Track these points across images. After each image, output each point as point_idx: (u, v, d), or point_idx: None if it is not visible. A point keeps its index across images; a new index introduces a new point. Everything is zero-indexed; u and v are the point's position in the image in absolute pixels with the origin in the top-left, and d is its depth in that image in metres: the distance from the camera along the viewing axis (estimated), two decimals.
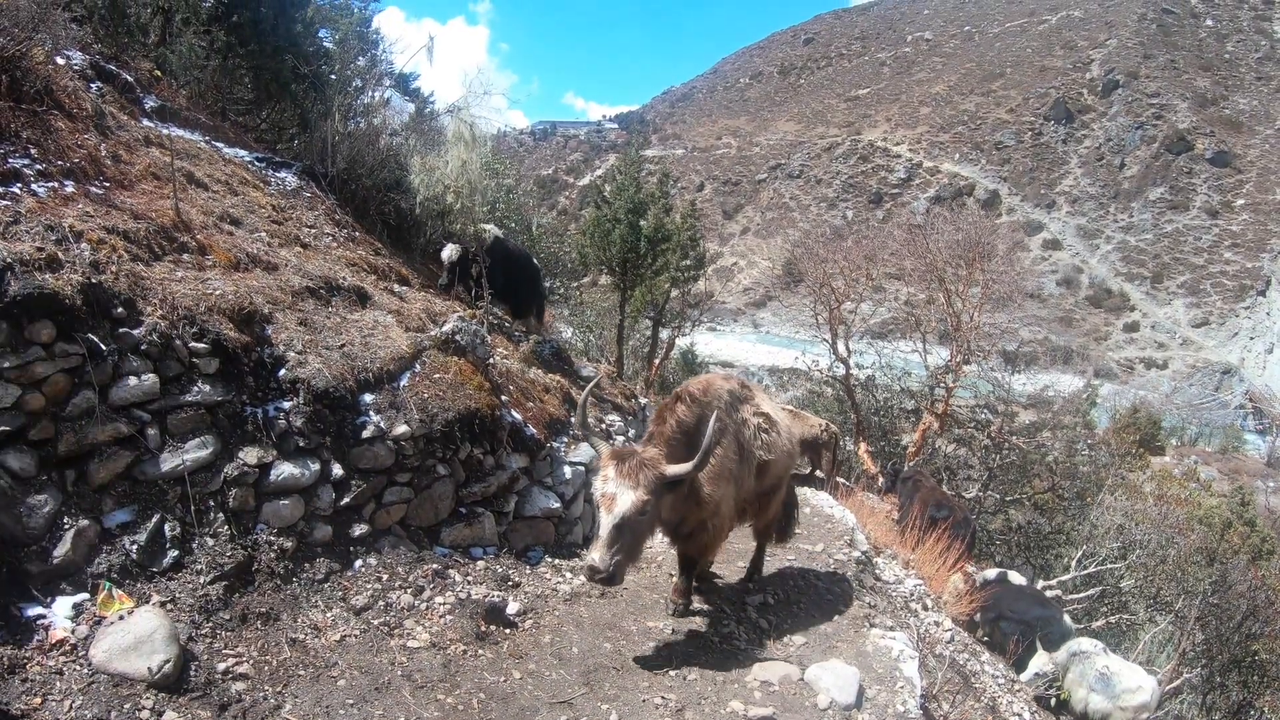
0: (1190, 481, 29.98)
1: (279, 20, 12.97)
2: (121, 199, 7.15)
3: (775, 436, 7.57)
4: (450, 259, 12.29)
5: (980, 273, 21.95)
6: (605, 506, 5.80)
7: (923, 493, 14.71)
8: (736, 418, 7.22)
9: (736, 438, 7.11)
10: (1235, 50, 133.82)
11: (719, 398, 7.03)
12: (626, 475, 5.82)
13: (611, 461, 5.97)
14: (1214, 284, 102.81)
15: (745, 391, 7.61)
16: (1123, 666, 11.91)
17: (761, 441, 7.39)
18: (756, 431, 7.36)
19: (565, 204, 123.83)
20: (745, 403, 7.47)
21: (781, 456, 7.72)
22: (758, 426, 7.40)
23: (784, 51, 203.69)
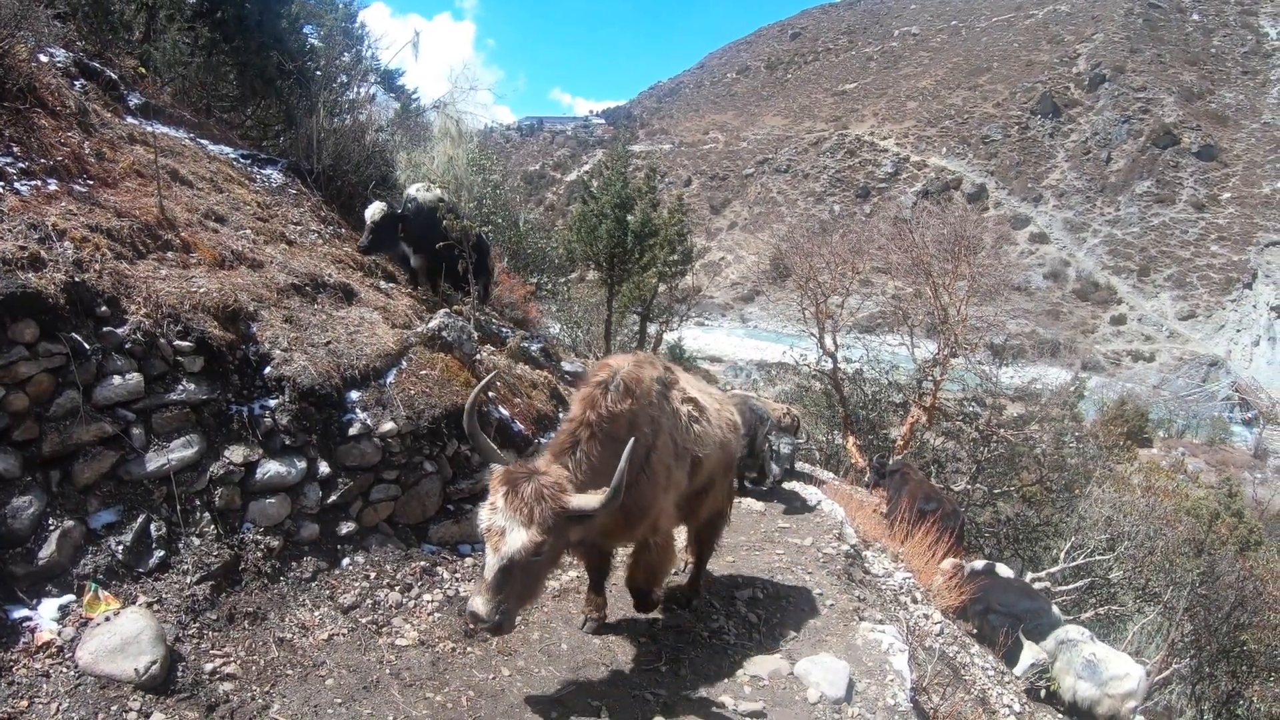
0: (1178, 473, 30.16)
1: (264, 16, 12.92)
2: (105, 197, 7.10)
3: (706, 427, 6.70)
4: (373, 218, 10.64)
5: (967, 266, 21.97)
6: (491, 543, 4.85)
7: (910, 485, 14.72)
8: (669, 409, 6.31)
9: (671, 434, 6.23)
10: (1221, 45, 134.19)
11: (649, 391, 6.05)
12: (518, 507, 4.81)
13: (501, 487, 4.93)
14: (1200, 277, 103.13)
15: (670, 375, 6.61)
16: (1109, 654, 12.01)
17: (694, 434, 6.53)
18: (689, 423, 6.50)
19: (552, 199, 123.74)
20: (673, 388, 6.51)
21: (715, 450, 6.83)
22: (689, 416, 6.54)
23: (771, 46, 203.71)
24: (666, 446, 6.13)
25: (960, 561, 13.02)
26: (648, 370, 6.24)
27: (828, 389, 24.70)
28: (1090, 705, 11.61)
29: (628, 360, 6.27)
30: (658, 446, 5.99)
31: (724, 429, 7.11)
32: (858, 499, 13.24)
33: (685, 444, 6.39)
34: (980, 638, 11.85)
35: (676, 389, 6.57)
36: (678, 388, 6.60)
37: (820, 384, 25.55)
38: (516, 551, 4.78)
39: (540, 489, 4.91)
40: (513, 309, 14.06)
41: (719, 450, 6.96)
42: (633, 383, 5.90)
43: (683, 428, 6.41)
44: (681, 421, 6.42)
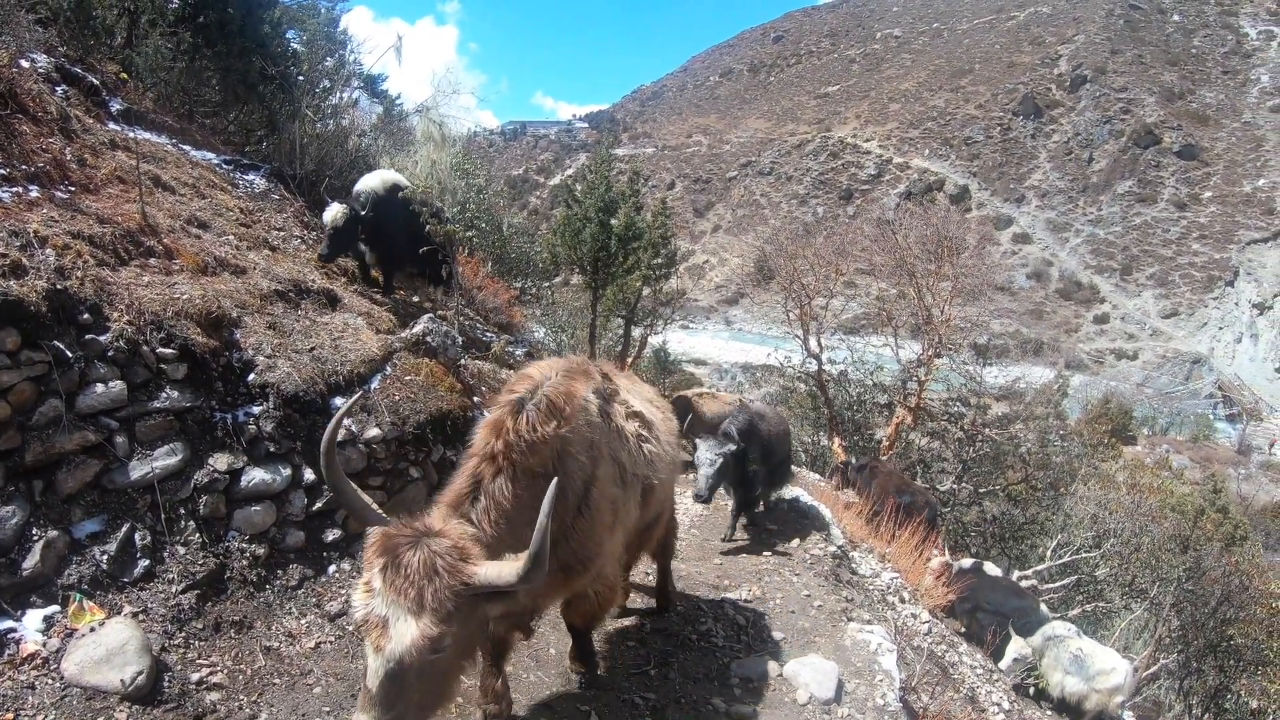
0: (1162, 470, 30.28)
1: (246, 21, 12.86)
2: (87, 203, 7.06)
3: (658, 447, 5.76)
4: (333, 223, 10.03)
5: (950, 267, 22.04)
6: (370, 640, 3.52)
7: (880, 479, 14.77)
8: (612, 428, 5.27)
9: (616, 460, 5.17)
10: (1202, 45, 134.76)
11: (584, 409, 4.96)
12: (402, 588, 3.50)
13: (379, 559, 3.62)
14: (1183, 275, 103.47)
15: (610, 385, 5.58)
16: (1096, 649, 12.13)
17: (645, 456, 5.55)
18: (637, 443, 5.50)
19: (536, 204, 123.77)
20: (614, 402, 5.50)
21: (667, 473, 6.00)
22: (637, 436, 5.53)
23: (754, 49, 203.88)
24: (611, 476, 5.07)
25: (948, 559, 13.12)
26: (581, 382, 5.11)
27: (812, 390, 24.73)
28: (1078, 700, 11.70)
29: (555, 368, 5.08)
30: (599, 478, 4.89)
31: (673, 444, 6.18)
32: (844, 500, 13.24)
33: (635, 469, 5.38)
34: (969, 636, 11.91)
35: (619, 402, 5.55)
36: (619, 400, 5.58)
37: (805, 385, 25.58)
38: (406, 651, 3.45)
39: (432, 559, 3.59)
40: (497, 313, 14.03)
41: (671, 470, 6.18)
42: (561, 399, 4.74)
43: (631, 450, 5.38)
44: (629, 443, 5.40)
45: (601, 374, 5.61)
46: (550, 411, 4.62)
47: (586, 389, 5.13)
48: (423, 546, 3.63)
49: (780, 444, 11.32)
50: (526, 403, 4.62)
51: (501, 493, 4.29)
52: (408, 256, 11.07)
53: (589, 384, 5.22)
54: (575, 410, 4.81)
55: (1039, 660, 12.21)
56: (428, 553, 3.61)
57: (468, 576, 3.63)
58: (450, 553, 3.66)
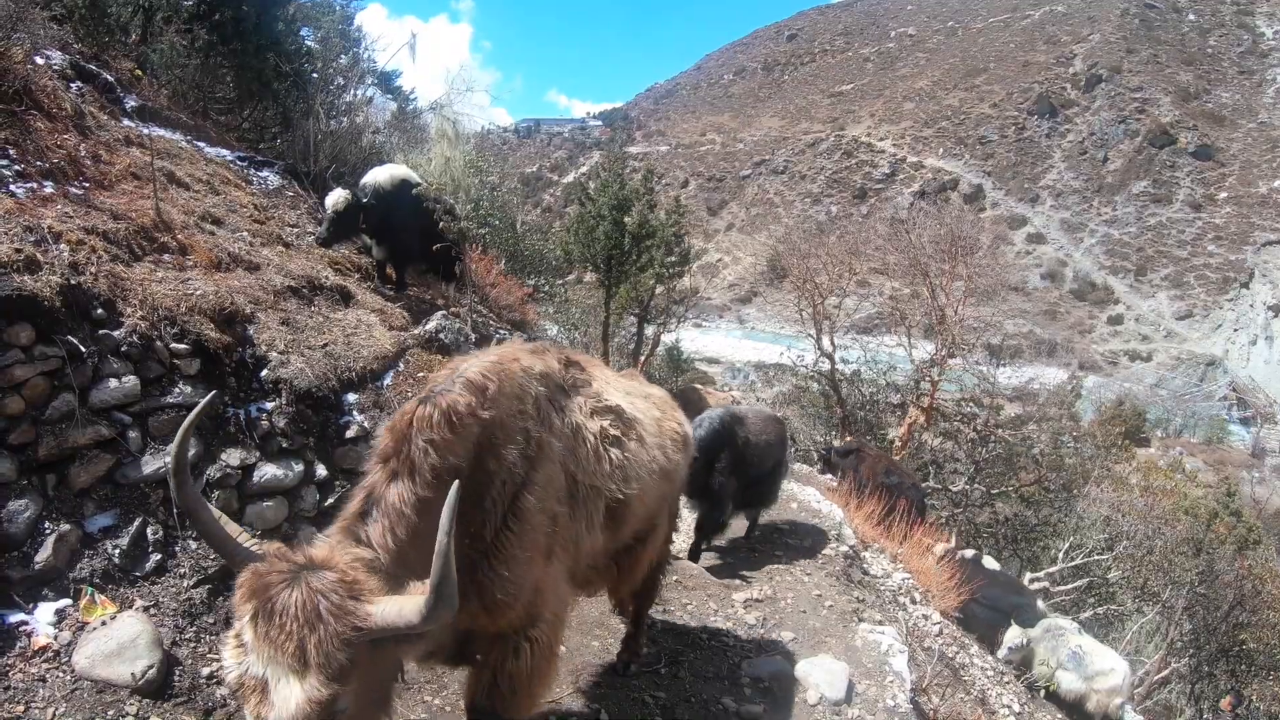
0: (1176, 473, 30.14)
1: (261, 18, 12.90)
2: (101, 199, 7.09)
3: (637, 450, 4.83)
4: (335, 207, 9.87)
5: (964, 266, 22.00)
6: (250, 710, 2.76)
7: (869, 462, 14.79)
8: (564, 424, 4.38)
9: (565, 465, 4.28)
10: (1218, 45, 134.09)
11: (522, 395, 4.10)
12: (279, 642, 2.72)
13: (248, 604, 2.83)
14: (1197, 276, 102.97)
15: (573, 373, 4.72)
16: (1096, 647, 12.18)
17: (611, 463, 4.61)
18: (601, 445, 4.58)
19: (549, 201, 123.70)
20: (575, 393, 4.61)
21: (653, 484, 5.00)
22: (602, 436, 4.61)
23: (768, 48, 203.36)
24: (553, 484, 4.15)
25: (951, 544, 13.49)
26: (522, 360, 4.27)
27: (825, 390, 24.71)
28: (1077, 698, 11.70)
29: (498, 351, 4.34)
30: (534, 484, 3.98)
31: (667, 450, 5.20)
32: (856, 500, 13.23)
33: (595, 479, 4.47)
34: (963, 624, 11.89)
35: (583, 394, 4.66)
36: (586, 392, 4.69)
37: (818, 385, 25.54)
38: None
39: (313, 600, 2.79)
40: (510, 311, 14.03)
41: (660, 482, 5.13)
42: (484, 376, 3.88)
43: (589, 453, 4.46)
44: (587, 444, 4.47)
45: (563, 359, 4.74)
46: (467, 389, 3.75)
47: (529, 369, 4.24)
48: (301, 584, 2.82)
49: (762, 455, 9.83)
50: (436, 393, 3.72)
51: (401, 501, 3.39)
52: (419, 253, 11.06)
53: (535, 364, 4.33)
54: (505, 391, 3.93)
55: (1036, 652, 12.26)
56: (307, 592, 2.80)
57: (360, 619, 2.81)
58: (336, 590, 2.84)
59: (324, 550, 3.11)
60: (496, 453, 3.85)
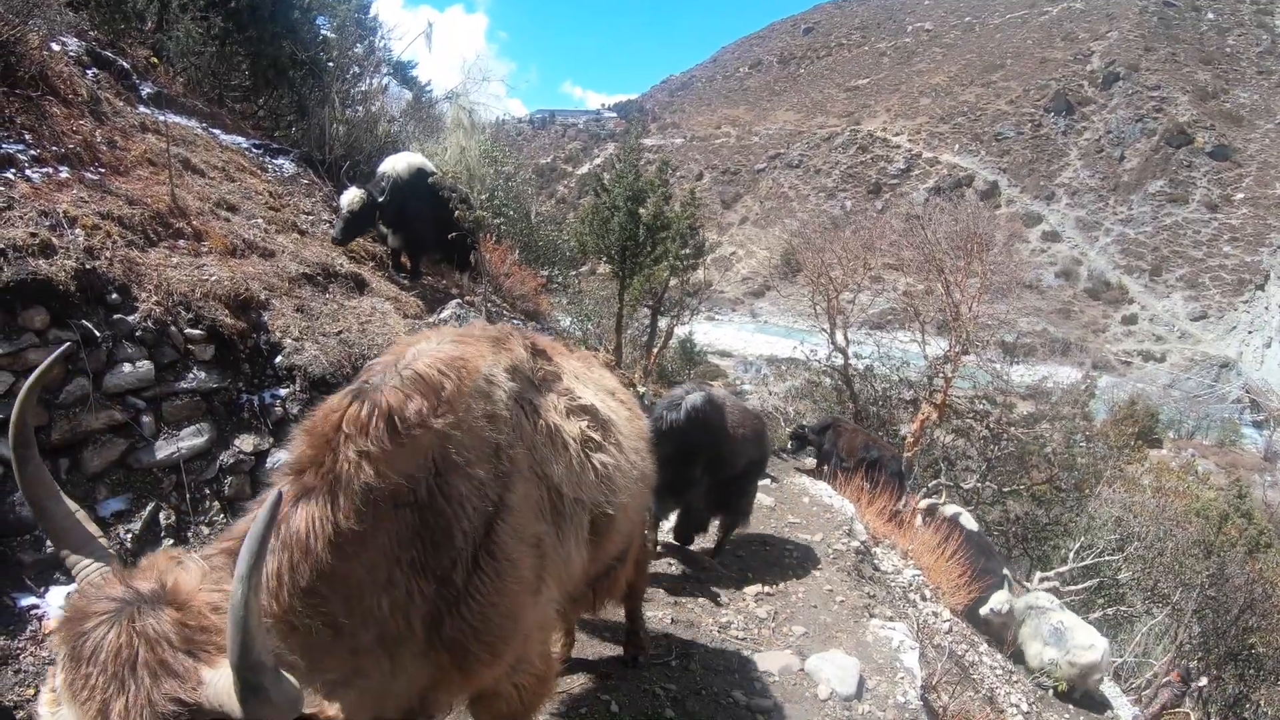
0: (1188, 474, 30.04)
1: (277, 6, 12.90)
2: (117, 185, 7.09)
3: (618, 454, 4.12)
4: (349, 207, 9.83)
5: (979, 263, 21.90)
6: None
7: (846, 436, 14.81)
8: (537, 429, 3.56)
9: (545, 479, 3.48)
10: (1236, 44, 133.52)
11: (486, 394, 3.24)
12: (83, 697, 2.01)
13: (63, 635, 2.11)
14: (1213, 277, 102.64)
15: (542, 364, 3.91)
16: (1076, 624, 12.43)
17: (596, 471, 3.89)
18: (582, 452, 3.83)
19: (564, 192, 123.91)
20: (547, 389, 3.82)
21: (635, 494, 4.33)
22: (583, 441, 3.87)
23: (784, 41, 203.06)
24: (534, 504, 3.37)
25: (934, 502, 14.06)
26: (484, 351, 3.40)
27: (838, 385, 24.64)
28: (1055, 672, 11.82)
29: (444, 338, 3.36)
30: (511, 507, 3.16)
31: (642, 453, 4.51)
32: (867, 495, 13.22)
33: (580, 493, 3.71)
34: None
35: (555, 391, 3.86)
36: (558, 388, 3.91)
37: (830, 380, 25.48)
38: None
39: (135, 647, 2.03)
40: (524, 301, 14.04)
41: (641, 491, 4.51)
42: (439, 372, 3.04)
43: (572, 463, 3.71)
44: (569, 452, 3.71)
45: (531, 347, 3.89)
46: (417, 386, 2.93)
47: (492, 362, 3.38)
48: (123, 623, 2.04)
49: (740, 450, 8.49)
50: (373, 388, 2.90)
51: (311, 531, 2.53)
52: (434, 241, 11.12)
53: (499, 356, 3.49)
54: (465, 391, 3.09)
55: (1018, 627, 12.44)
56: (127, 635, 2.03)
57: (188, 687, 2.00)
58: (169, 638, 2.05)
59: (185, 577, 2.23)
60: (458, 470, 2.97)
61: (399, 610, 2.75)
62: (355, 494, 2.62)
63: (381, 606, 2.69)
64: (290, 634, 2.39)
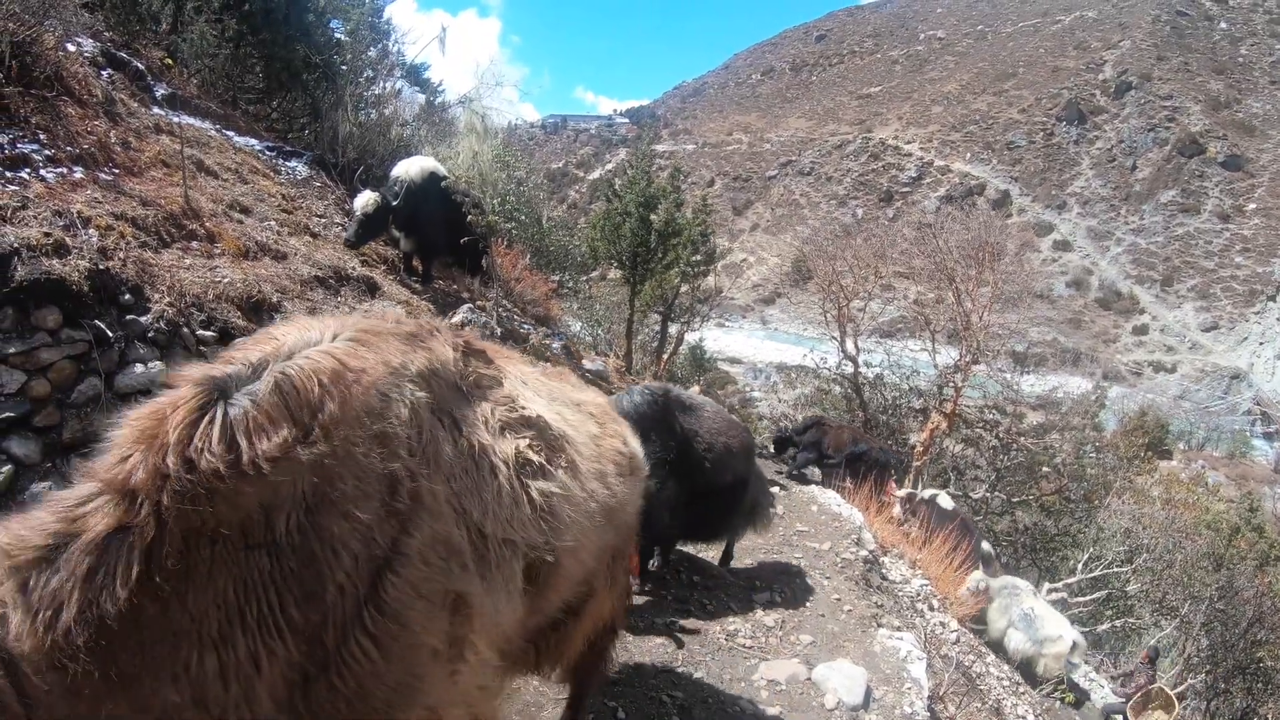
0: (1198, 486, 29.97)
1: (291, 9, 12.95)
2: (130, 186, 7.11)
3: (568, 481, 3.31)
4: (363, 210, 9.74)
5: (990, 272, 21.88)
6: None
7: (832, 434, 14.85)
8: (456, 452, 2.85)
9: (458, 511, 2.76)
10: (1249, 54, 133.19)
11: (380, 410, 2.58)
12: None
13: None
14: (1224, 288, 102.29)
15: (476, 369, 3.19)
16: (1047, 612, 12.61)
17: (534, 504, 3.10)
18: (517, 478, 3.08)
19: (575, 198, 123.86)
20: (478, 398, 3.11)
21: (590, 528, 3.44)
22: (519, 463, 3.11)
23: (796, 48, 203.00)
24: (443, 546, 2.65)
25: (913, 491, 14.39)
26: (388, 362, 2.69)
27: (848, 393, 24.63)
28: (1024, 659, 11.92)
29: (346, 326, 2.72)
30: (410, 556, 2.52)
31: (608, 479, 3.67)
32: (876, 504, 13.23)
33: (510, 529, 2.95)
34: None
35: (490, 400, 3.13)
36: (495, 396, 3.17)
37: (840, 388, 25.47)
38: None
39: None
40: (535, 306, 14.06)
41: (600, 528, 3.56)
42: (324, 393, 2.41)
43: (500, 491, 2.95)
44: (498, 477, 2.96)
45: (463, 346, 3.17)
46: (284, 407, 2.32)
47: (399, 366, 2.71)
48: None
49: (718, 462, 7.65)
50: (232, 388, 2.34)
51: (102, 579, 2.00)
52: (445, 245, 11.17)
53: (410, 358, 2.79)
54: (351, 412, 2.45)
55: (990, 609, 12.61)
56: None
57: None
58: None
59: None
60: (339, 511, 2.35)
61: (233, 673, 2.18)
62: (181, 525, 2.10)
63: (203, 665, 2.13)
64: (51, 670, 1.92)
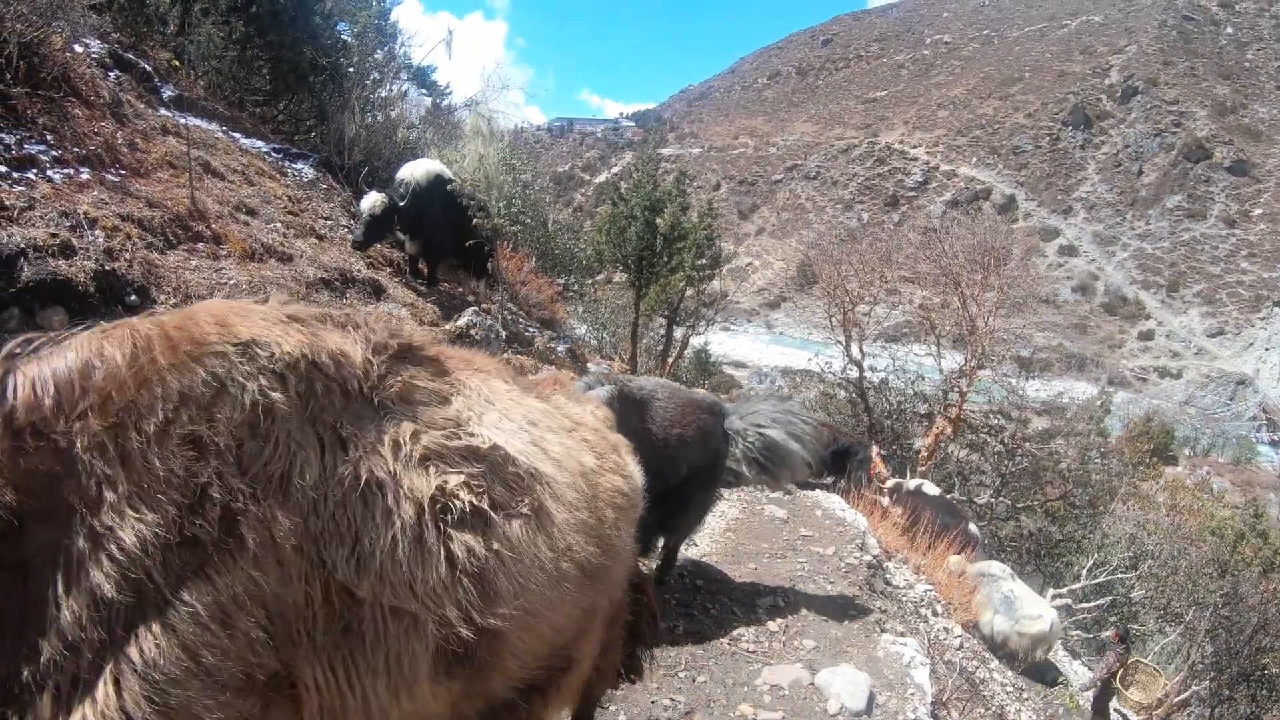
0: (1203, 492, 29.91)
1: (298, 12, 12.98)
2: (137, 187, 7.13)
3: (525, 536, 2.43)
4: (370, 211, 9.72)
5: (996, 277, 21.85)
6: None
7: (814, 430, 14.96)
8: (322, 480, 2.06)
9: (312, 561, 2.00)
10: (1255, 58, 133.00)
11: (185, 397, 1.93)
12: None
13: None
14: (1230, 293, 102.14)
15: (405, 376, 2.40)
16: (1027, 594, 12.78)
17: (455, 564, 2.22)
18: (431, 527, 2.21)
19: (581, 201, 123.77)
20: (397, 414, 2.30)
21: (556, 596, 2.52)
22: (436, 508, 2.24)
23: (802, 52, 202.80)
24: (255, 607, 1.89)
25: (899, 480, 14.64)
26: (245, 329, 2.14)
27: (852, 397, 24.57)
28: (1004, 640, 11.93)
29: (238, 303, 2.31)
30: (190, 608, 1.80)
31: (603, 528, 2.79)
32: (880, 509, 13.21)
33: (403, 597, 2.13)
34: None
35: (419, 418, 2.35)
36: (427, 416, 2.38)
37: (845, 392, 25.42)
38: None
39: None
40: (540, 309, 14.06)
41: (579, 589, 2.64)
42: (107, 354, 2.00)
43: (398, 546, 2.14)
44: (394, 524, 2.15)
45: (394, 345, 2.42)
46: (71, 368, 1.95)
47: (248, 343, 2.09)
48: None
49: (677, 455, 6.87)
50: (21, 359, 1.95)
51: None
52: (451, 248, 11.17)
53: (280, 339, 2.15)
54: (162, 386, 1.94)
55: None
56: None
57: None
58: None
59: None
60: (92, 522, 1.78)
61: None
62: None
63: None
64: None
